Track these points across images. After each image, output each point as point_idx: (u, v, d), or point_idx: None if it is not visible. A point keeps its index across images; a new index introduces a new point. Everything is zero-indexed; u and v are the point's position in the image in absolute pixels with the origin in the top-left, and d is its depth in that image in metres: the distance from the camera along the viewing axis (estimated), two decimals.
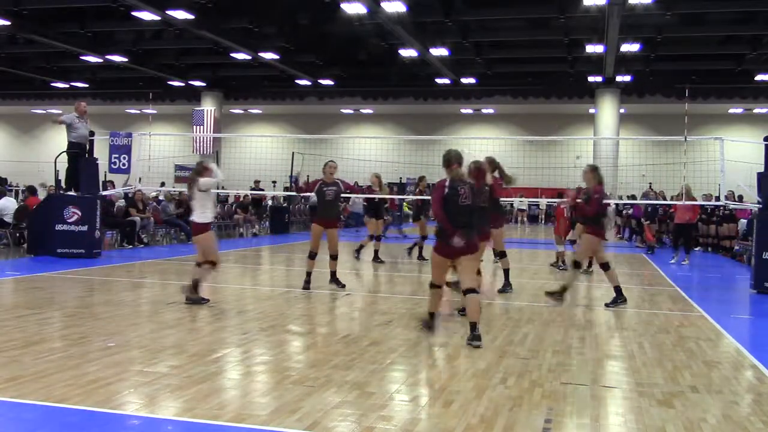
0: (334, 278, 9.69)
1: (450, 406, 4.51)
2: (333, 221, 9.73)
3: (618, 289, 9.06)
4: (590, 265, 12.84)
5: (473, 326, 6.40)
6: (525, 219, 33.99)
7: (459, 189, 6.64)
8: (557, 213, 14.22)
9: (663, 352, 6.33)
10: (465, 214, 6.61)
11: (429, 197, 13.39)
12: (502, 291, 9.81)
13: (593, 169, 9.22)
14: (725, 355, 6.43)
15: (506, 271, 10.06)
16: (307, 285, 9.41)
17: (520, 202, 31.10)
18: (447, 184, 6.68)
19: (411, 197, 16.97)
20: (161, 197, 19.18)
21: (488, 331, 7.18)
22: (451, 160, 6.77)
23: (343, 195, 10.30)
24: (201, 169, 8.29)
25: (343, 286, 9.61)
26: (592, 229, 9.06)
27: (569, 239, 13.45)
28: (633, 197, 25.17)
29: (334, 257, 9.59)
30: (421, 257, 14.04)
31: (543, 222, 34.77)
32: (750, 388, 5.34)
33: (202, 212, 8.21)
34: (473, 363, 5.72)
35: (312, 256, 9.49)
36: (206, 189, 8.24)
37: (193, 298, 8.14)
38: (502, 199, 10.20)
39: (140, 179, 15.75)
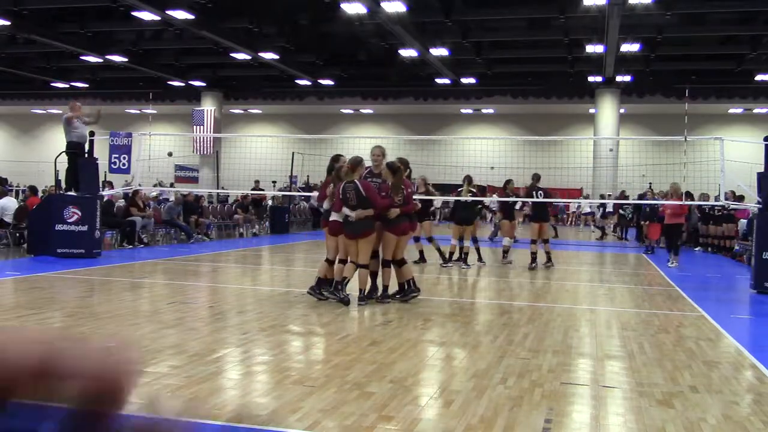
0: (338, 287, 8.57)
1: (450, 406, 4.51)
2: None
3: (402, 285, 8.75)
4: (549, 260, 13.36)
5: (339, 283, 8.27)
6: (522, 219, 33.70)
7: (347, 193, 8.24)
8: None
9: (663, 352, 6.33)
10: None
11: (514, 199, 13.96)
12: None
13: (402, 164, 9.15)
14: (725, 355, 6.43)
15: (384, 288, 8.70)
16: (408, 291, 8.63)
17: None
18: (341, 189, 8.23)
19: (496, 199, 16.84)
20: (170, 198, 19.19)
21: (488, 331, 7.19)
22: (345, 162, 8.39)
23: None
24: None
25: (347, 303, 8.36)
26: (407, 224, 8.85)
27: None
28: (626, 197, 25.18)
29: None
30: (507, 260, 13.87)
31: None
32: (750, 388, 5.34)
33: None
34: (473, 363, 5.72)
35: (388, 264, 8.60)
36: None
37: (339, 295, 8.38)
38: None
39: (159, 182, 15.72)
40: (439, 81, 31.45)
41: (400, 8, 20.19)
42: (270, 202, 24.33)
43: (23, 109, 42.32)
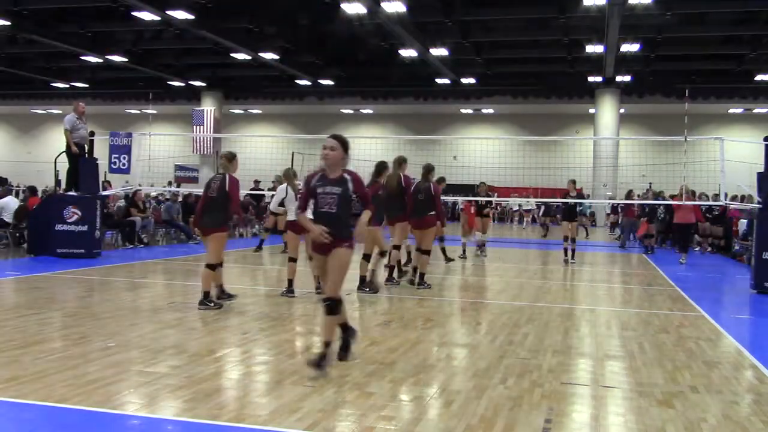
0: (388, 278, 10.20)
1: (450, 406, 4.52)
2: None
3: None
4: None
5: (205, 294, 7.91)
6: (529, 219, 33.22)
7: (211, 183, 8.00)
8: (465, 209, 15.77)
9: (663, 352, 6.33)
10: (211, 205, 7.87)
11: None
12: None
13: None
14: (725, 355, 6.43)
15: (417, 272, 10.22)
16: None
17: (527, 203, 30.89)
18: (210, 179, 8.11)
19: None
20: (167, 197, 19.19)
21: (488, 331, 7.19)
22: (221, 156, 8.25)
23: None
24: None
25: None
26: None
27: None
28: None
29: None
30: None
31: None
32: (750, 388, 5.34)
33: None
34: (473, 363, 5.72)
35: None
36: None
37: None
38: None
39: (172, 182, 15.64)
40: (439, 81, 31.45)
41: (400, 8, 20.18)
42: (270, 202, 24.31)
43: (23, 109, 42.32)
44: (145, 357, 5.58)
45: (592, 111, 32.21)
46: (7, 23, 23.43)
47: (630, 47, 24.30)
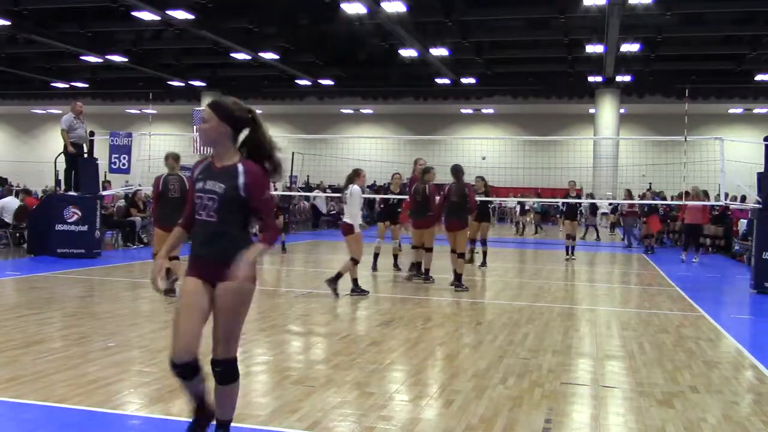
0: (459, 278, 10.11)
1: (450, 406, 4.52)
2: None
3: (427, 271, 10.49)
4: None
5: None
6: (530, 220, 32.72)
7: (170, 184, 8.28)
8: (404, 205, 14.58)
9: (663, 352, 6.33)
10: (175, 205, 7.97)
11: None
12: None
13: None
14: (725, 355, 6.43)
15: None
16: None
17: (533, 203, 30.83)
18: (162, 180, 8.31)
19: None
20: None
21: (488, 331, 7.19)
22: (168, 158, 8.55)
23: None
24: (353, 175, 9.01)
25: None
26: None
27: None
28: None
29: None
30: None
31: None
32: (750, 388, 5.34)
33: (351, 214, 8.92)
34: (473, 363, 5.72)
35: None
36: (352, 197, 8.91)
37: (334, 287, 8.82)
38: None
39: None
40: (439, 81, 31.42)
41: (400, 8, 20.17)
42: None
43: (23, 109, 42.29)
44: (145, 357, 5.58)
45: (592, 111, 32.19)
46: (7, 23, 23.41)
47: (630, 47, 24.29)
